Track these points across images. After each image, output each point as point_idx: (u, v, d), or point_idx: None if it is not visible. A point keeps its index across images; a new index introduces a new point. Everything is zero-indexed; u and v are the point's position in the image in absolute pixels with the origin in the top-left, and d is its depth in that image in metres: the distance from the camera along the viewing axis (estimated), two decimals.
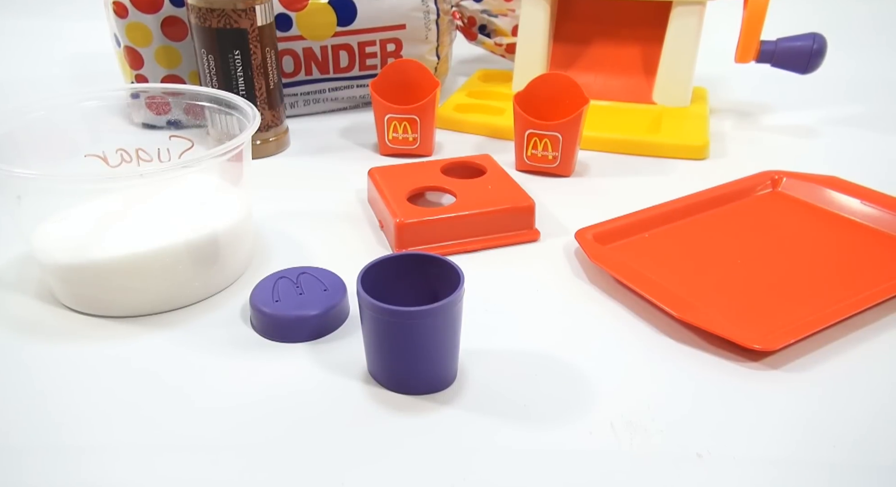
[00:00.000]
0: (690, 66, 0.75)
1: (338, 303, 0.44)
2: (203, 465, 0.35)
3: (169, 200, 0.46)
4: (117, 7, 0.69)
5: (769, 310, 0.45)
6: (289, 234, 0.56)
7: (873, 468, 0.35)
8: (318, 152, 0.71)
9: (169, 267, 0.45)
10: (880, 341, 0.44)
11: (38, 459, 0.35)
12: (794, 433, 0.37)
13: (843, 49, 0.95)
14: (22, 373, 0.41)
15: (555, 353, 0.42)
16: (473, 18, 0.88)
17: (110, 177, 0.42)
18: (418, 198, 0.59)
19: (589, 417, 0.38)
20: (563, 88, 0.64)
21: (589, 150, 0.71)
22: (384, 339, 0.38)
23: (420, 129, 0.68)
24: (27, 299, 0.48)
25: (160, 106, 0.54)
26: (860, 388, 0.40)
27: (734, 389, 0.40)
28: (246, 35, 0.64)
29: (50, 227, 0.46)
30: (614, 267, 0.48)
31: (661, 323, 0.45)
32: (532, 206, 0.54)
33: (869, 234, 0.54)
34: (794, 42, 0.73)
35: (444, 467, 0.35)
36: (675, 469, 0.35)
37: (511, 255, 0.53)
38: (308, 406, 0.39)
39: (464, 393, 0.39)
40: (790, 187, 0.61)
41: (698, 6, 0.72)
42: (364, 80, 0.79)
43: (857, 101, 0.86)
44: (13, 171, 0.40)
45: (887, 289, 0.46)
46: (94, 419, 0.38)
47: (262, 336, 0.44)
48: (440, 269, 0.40)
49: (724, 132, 0.76)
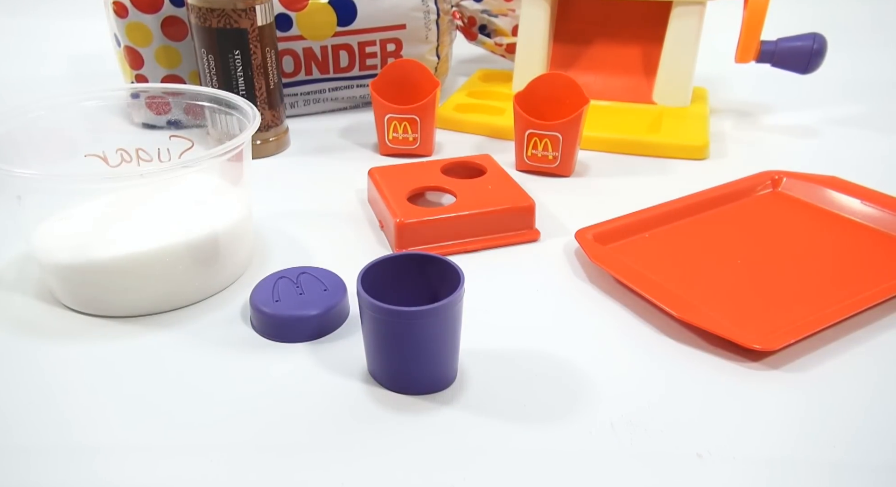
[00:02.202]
0: (690, 66, 0.75)
1: (338, 303, 0.44)
2: (202, 465, 0.35)
3: (169, 200, 0.46)
4: (117, 7, 0.69)
5: (769, 310, 0.45)
6: (289, 234, 0.56)
7: (873, 468, 0.35)
8: (318, 152, 0.71)
9: (169, 267, 0.45)
10: (880, 341, 0.44)
11: (38, 459, 0.35)
12: (793, 433, 0.37)
13: (842, 49, 0.95)
14: (22, 373, 0.41)
15: (555, 353, 0.42)
16: (473, 18, 0.88)
17: (110, 177, 0.42)
18: (418, 198, 0.59)
19: (589, 417, 0.38)
20: (563, 88, 0.64)
21: (589, 150, 0.71)
22: (384, 339, 0.38)
23: (420, 129, 0.68)
24: (27, 299, 0.48)
25: (160, 106, 0.54)
26: (860, 388, 0.40)
27: (734, 389, 0.40)
28: (246, 35, 0.64)
29: (50, 227, 0.46)
30: (614, 267, 0.48)
31: (661, 323, 0.45)
32: (532, 206, 0.54)
33: (869, 234, 0.54)
34: (794, 42, 0.73)
35: (444, 467, 0.35)
36: (675, 469, 0.35)
37: (511, 255, 0.53)
38: (308, 407, 0.39)
39: (464, 393, 0.39)
40: (790, 187, 0.61)
41: (698, 6, 0.72)
42: (364, 80, 0.79)
43: (857, 101, 0.86)
44: (13, 171, 0.40)
45: (887, 289, 0.46)
46: (93, 419, 0.38)
47: (262, 336, 0.44)
48: (440, 269, 0.40)
49: (724, 132, 0.76)
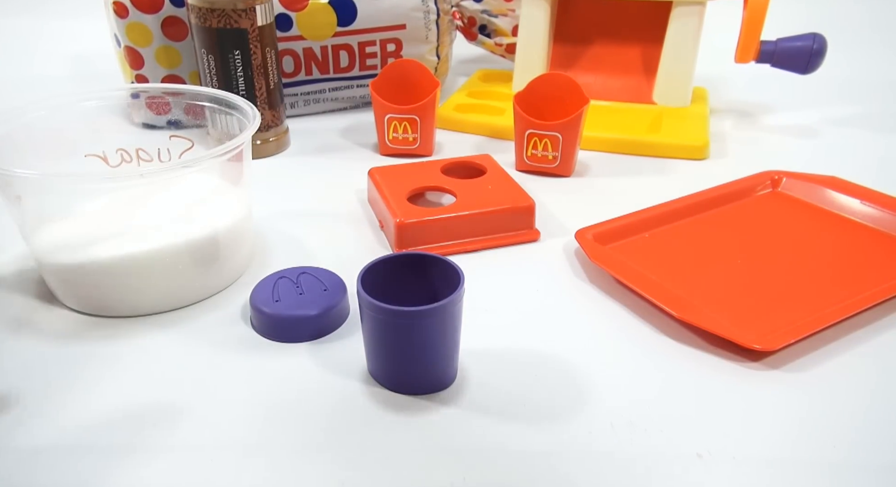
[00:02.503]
0: (690, 66, 0.75)
1: (338, 303, 0.44)
2: (202, 465, 0.35)
3: (169, 200, 0.46)
4: (117, 7, 0.69)
5: (769, 310, 0.45)
6: (289, 234, 0.56)
7: (873, 468, 0.35)
8: (318, 152, 0.71)
9: (169, 267, 0.45)
10: (880, 341, 0.44)
11: (38, 459, 0.35)
12: (793, 433, 0.37)
13: (842, 49, 0.95)
14: (21, 373, 0.41)
15: (555, 353, 0.42)
16: (473, 18, 0.88)
17: (110, 177, 0.42)
18: (418, 198, 0.59)
19: (589, 417, 0.38)
20: (563, 88, 0.64)
21: (589, 150, 0.71)
22: (384, 339, 0.38)
23: (420, 129, 0.68)
24: (27, 299, 0.48)
25: (160, 106, 0.54)
26: (860, 388, 0.40)
27: (734, 389, 0.40)
28: (246, 35, 0.64)
29: (50, 227, 0.46)
30: (614, 267, 0.48)
31: (661, 323, 0.45)
32: (532, 206, 0.54)
33: (869, 234, 0.54)
34: (794, 42, 0.73)
35: (444, 467, 0.35)
36: (675, 469, 0.35)
37: (511, 255, 0.53)
38: (308, 407, 0.39)
39: (464, 393, 0.39)
40: (790, 187, 0.61)
41: (698, 6, 0.72)
42: (364, 80, 0.79)
43: (857, 101, 0.86)
44: (13, 171, 0.40)
45: (887, 289, 0.46)
46: (93, 419, 0.38)
47: (262, 336, 0.44)
48: (440, 269, 0.40)
49: (724, 132, 0.76)
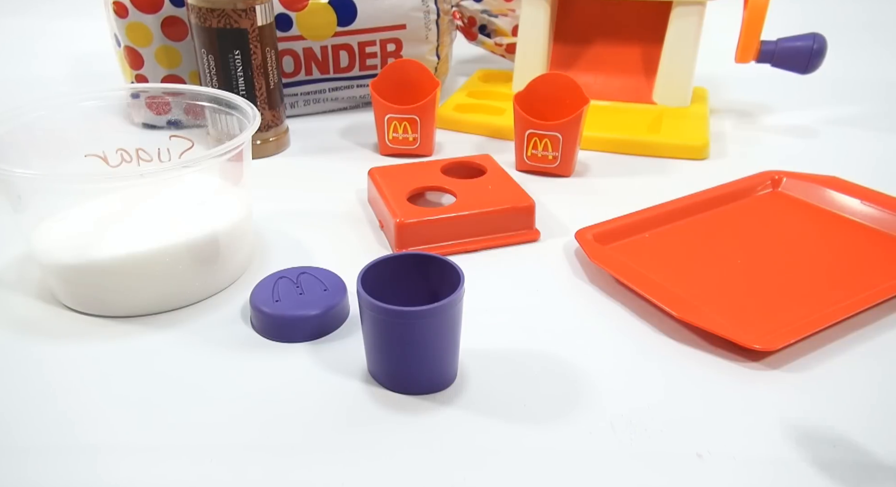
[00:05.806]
0: (690, 66, 0.75)
1: (338, 303, 0.44)
2: (202, 464, 0.35)
3: (169, 200, 0.46)
4: (117, 7, 0.69)
5: (769, 310, 0.45)
6: (289, 234, 0.56)
7: (873, 468, 0.35)
8: (318, 152, 0.71)
9: (169, 267, 0.45)
10: (880, 341, 0.44)
11: (38, 459, 0.35)
12: (793, 433, 0.37)
13: (843, 49, 0.95)
14: (22, 373, 0.41)
15: (555, 353, 0.42)
16: (473, 18, 0.88)
17: (110, 177, 0.42)
18: (418, 198, 0.59)
19: (589, 417, 0.38)
20: (563, 88, 0.64)
21: (589, 150, 0.71)
22: (384, 339, 0.38)
23: (420, 129, 0.68)
24: (27, 299, 0.48)
25: (160, 106, 0.54)
26: (860, 388, 0.40)
27: (734, 389, 0.40)
28: (246, 35, 0.64)
29: (50, 227, 0.46)
30: (614, 267, 0.48)
31: (661, 323, 0.45)
32: (532, 206, 0.54)
33: (869, 234, 0.54)
34: (794, 42, 0.73)
35: (444, 467, 0.35)
36: (675, 469, 0.35)
37: (511, 255, 0.53)
38: (308, 407, 0.39)
39: (464, 393, 0.39)
40: (790, 187, 0.61)
41: (698, 6, 0.72)
42: (364, 80, 0.79)
43: (857, 101, 0.86)
44: (13, 171, 0.40)
45: (887, 289, 0.46)
46: (94, 419, 0.38)
47: (262, 336, 0.44)
48: (440, 269, 0.40)
49: (724, 132, 0.76)
